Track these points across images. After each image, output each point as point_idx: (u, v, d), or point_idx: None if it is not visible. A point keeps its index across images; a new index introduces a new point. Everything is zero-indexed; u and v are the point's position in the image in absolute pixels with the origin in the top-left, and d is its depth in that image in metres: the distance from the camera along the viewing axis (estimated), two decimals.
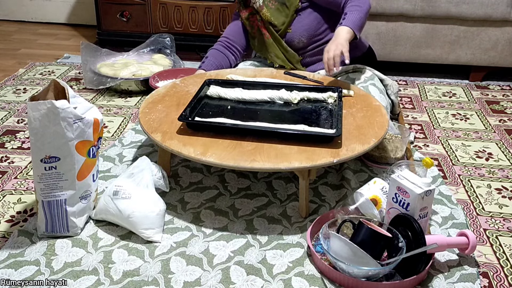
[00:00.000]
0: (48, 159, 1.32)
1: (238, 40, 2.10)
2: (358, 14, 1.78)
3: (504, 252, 1.41)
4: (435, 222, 1.51)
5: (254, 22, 2.01)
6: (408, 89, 2.53)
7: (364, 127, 1.57)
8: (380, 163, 1.78)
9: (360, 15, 1.79)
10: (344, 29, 1.76)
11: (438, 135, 2.06)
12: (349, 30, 1.76)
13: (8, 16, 3.65)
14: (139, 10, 2.95)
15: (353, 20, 1.77)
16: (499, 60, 2.54)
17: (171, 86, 1.88)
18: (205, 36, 2.95)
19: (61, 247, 1.38)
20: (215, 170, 1.74)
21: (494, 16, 2.42)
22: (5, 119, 2.13)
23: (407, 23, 2.51)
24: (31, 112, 1.29)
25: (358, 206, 1.42)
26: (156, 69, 2.46)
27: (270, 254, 1.36)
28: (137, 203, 1.40)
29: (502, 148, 1.96)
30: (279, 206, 1.57)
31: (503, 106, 2.35)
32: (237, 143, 1.47)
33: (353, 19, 1.77)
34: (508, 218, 1.55)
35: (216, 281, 1.27)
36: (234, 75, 1.88)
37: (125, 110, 2.23)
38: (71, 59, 2.91)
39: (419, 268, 1.25)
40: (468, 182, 1.73)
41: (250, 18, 2.02)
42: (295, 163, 1.38)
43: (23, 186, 1.66)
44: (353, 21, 1.77)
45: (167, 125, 1.57)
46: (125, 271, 1.30)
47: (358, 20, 1.78)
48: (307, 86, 1.79)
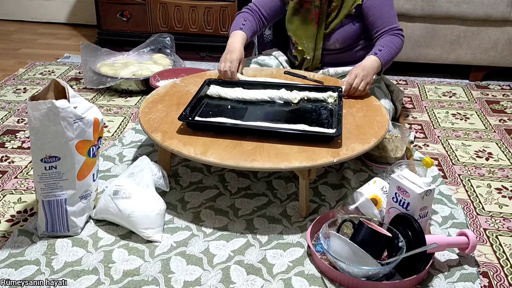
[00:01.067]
0: (48, 158, 1.32)
1: (269, 17, 2.01)
2: (392, 54, 1.82)
3: (504, 251, 1.41)
4: (435, 221, 1.51)
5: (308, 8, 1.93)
6: (408, 89, 2.53)
7: (364, 126, 1.57)
8: (380, 163, 1.78)
9: (393, 56, 1.83)
10: (377, 62, 1.79)
11: (438, 134, 2.06)
12: (379, 64, 1.79)
13: (8, 16, 3.65)
14: (139, 9, 2.95)
15: (387, 58, 1.81)
16: (499, 60, 2.54)
17: (171, 85, 1.88)
18: (205, 36, 2.95)
19: (61, 246, 1.38)
20: (215, 169, 1.74)
21: (494, 15, 2.42)
22: (5, 119, 2.13)
23: (407, 22, 2.51)
24: (31, 111, 1.29)
25: (358, 206, 1.42)
26: (156, 68, 2.46)
27: (270, 254, 1.36)
28: (137, 202, 1.40)
29: (502, 148, 1.96)
30: (279, 205, 1.57)
31: (503, 105, 2.35)
32: (237, 142, 1.47)
33: (387, 57, 1.81)
34: (508, 217, 1.55)
35: (216, 280, 1.27)
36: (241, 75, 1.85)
37: (125, 110, 2.23)
38: (71, 58, 2.91)
39: (419, 267, 1.25)
40: (468, 181, 1.73)
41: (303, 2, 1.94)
42: (295, 162, 1.38)
43: (23, 186, 1.66)
44: (386, 59, 1.81)
45: (167, 125, 1.57)
46: (125, 271, 1.30)
47: (389, 60, 1.82)
48: (307, 86, 1.79)
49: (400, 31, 1.87)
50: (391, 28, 1.86)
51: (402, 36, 1.87)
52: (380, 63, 1.79)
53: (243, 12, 1.99)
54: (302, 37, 1.96)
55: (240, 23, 1.93)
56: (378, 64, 1.78)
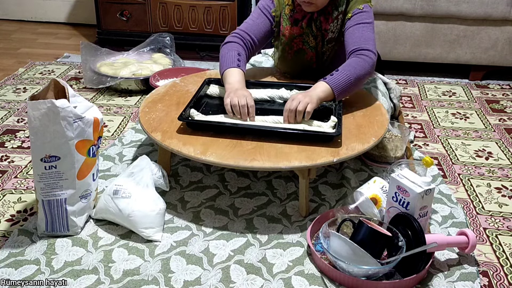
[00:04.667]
0: (48, 158, 1.32)
1: (260, 44, 1.82)
2: (348, 77, 1.57)
3: (503, 251, 1.41)
4: (435, 221, 1.51)
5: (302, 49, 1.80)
6: (408, 88, 2.53)
7: (364, 126, 1.57)
8: (380, 162, 1.78)
9: (350, 80, 1.57)
10: (323, 87, 1.56)
11: (438, 134, 2.06)
12: (329, 90, 1.56)
13: (8, 16, 3.65)
14: (139, 9, 2.95)
15: (339, 82, 1.57)
16: (498, 59, 2.54)
17: (171, 85, 1.88)
18: (205, 35, 2.95)
19: (61, 246, 1.38)
20: (215, 169, 1.74)
21: (494, 15, 2.42)
22: (5, 119, 2.13)
23: (407, 22, 2.51)
24: (31, 111, 1.29)
25: (358, 205, 1.42)
26: (156, 68, 2.46)
27: (270, 253, 1.36)
28: (137, 202, 1.40)
29: (502, 147, 1.96)
30: (279, 205, 1.57)
31: (503, 105, 2.35)
32: (237, 142, 1.47)
33: (340, 81, 1.57)
34: (507, 217, 1.55)
35: (216, 280, 1.27)
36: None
37: (125, 109, 2.23)
38: (71, 58, 2.91)
39: (419, 267, 1.25)
40: (468, 181, 1.73)
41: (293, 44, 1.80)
42: (295, 162, 1.38)
43: (23, 186, 1.66)
44: (339, 83, 1.57)
45: (167, 124, 1.57)
46: (125, 270, 1.30)
47: (345, 83, 1.57)
48: (307, 85, 1.79)
49: (366, 51, 1.62)
50: (356, 49, 1.64)
51: (366, 57, 1.61)
52: (329, 88, 1.55)
53: (234, 43, 1.74)
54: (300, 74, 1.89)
55: (236, 59, 1.69)
56: (326, 89, 1.55)
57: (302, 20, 1.74)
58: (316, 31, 1.74)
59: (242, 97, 1.54)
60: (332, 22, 1.72)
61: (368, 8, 1.71)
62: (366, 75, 1.62)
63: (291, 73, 1.89)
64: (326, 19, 1.72)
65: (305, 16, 1.73)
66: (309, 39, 1.76)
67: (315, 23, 1.73)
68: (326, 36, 1.76)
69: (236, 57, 1.69)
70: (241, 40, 1.74)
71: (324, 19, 1.72)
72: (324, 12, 1.72)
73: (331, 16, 1.71)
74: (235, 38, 1.75)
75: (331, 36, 1.75)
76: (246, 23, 1.79)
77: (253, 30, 1.77)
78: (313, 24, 1.73)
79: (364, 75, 1.62)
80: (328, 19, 1.72)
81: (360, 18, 1.69)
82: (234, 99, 1.53)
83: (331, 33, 1.74)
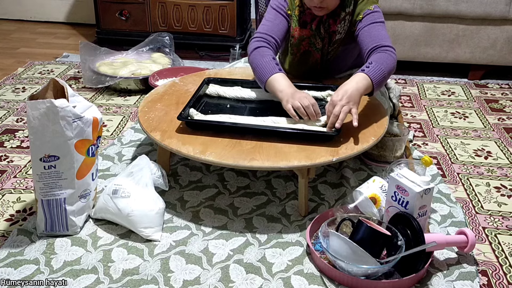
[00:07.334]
0: (48, 158, 1.32)
1: (281, 43, 1.79)
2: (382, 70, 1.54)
3: (503, 250, 1.41)
4: (434, 220, 1.51)
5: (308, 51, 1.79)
6: (407, 88, 2.53)
7: (363, 125, 1.57)
8: (379, 162, 1.78)
9: (384, 72, 1.55)
10: (364, 80, 1.51)
11: (437, 133, 2.06)
12: (369, 84, 1.51)
13: (7, 15, 3.65)
14: (138, 9, 2.94)
15: (377, 74, 1.53)
16: (498, 58, 2.54)
17: (170, 84, 1.88)
18: (204, 35, 2.95)
19: (61, 246, 1.38)
20: (214, 168, 1.74)
21: (493, 14, 2.42)
22: (4, 118, 2.13)
23: (406, 21, 2.51)
24: (30, 111, 1.29)
25: (357, 205, 1.42)
26: (155, 67, 2.46)
27: (269, 253, 1.36)
28: (136, 201, 1.40)
29: (501, 147, 1.96)
30: (278, 204, 1.57)
31: (502, 104, 2.35)
32: (236, 141, 1.47)
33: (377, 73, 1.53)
34: (507, 216, 1.55)
35: (216, 279, 1.27)
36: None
37: (124, 109, 2.23)
38: (70, 58, 2.90)
39: (418, 266, 1.25)
40: (467, 180, 1.73)
41: (301, 46, 1.79)
42: (295, 161, 1.38)
43: (23, 185, 1.66)
44: (377, 75, 1.53)
45: (166, 124, 1.57)
46: (124, 270, 1.30)
47: (381, 76, 1.54)
48: (306, 85, 1.79)
49: (389, 48, 1.62)
50: (378, 46, 1.62)
51: (391, 52, 1.61)
52: (370, 82, 1.51)
53: (264, 47, 1.69)
54: (304, 75, 1.88)
55: (274, 64, 1.63)
56: (367, 82, 1.51)
57: (311, 22, 1.74)
58: (324, 33, 1.74)
59: (303, 98, 1.53)
60: (340, 23, 1.72)
61: (378, 8, 1.73)
62: (392, 70, 1.61)
63: (295, 73, 1.89)
64: (334, 21, 1.72)
65: (314, 18, 1.73)
66: (316, 41, 1.76)
67: (323, 25, 1.73)
68: (333, 37, 1.76)
69: (274, 61, 1.65)
70: (267, 43, 1.71)
71: (332, 21, 1.72)
72: (333, 14, 1.72)
73: (339, 17, 1.71)
74: (261, 43, 1.71)
75: (338, 37, 1.76)
76: (265, 25, 1.76)
77: (274, 32, 1.74)
78: (321, 26, 1.74)
79: (393, 69, 1.61)
80: (336, 21, 1.72)
81: (373, 18, 1.70)
82: (295, 102, 1.52)
83: (338, 34, 1.74)
